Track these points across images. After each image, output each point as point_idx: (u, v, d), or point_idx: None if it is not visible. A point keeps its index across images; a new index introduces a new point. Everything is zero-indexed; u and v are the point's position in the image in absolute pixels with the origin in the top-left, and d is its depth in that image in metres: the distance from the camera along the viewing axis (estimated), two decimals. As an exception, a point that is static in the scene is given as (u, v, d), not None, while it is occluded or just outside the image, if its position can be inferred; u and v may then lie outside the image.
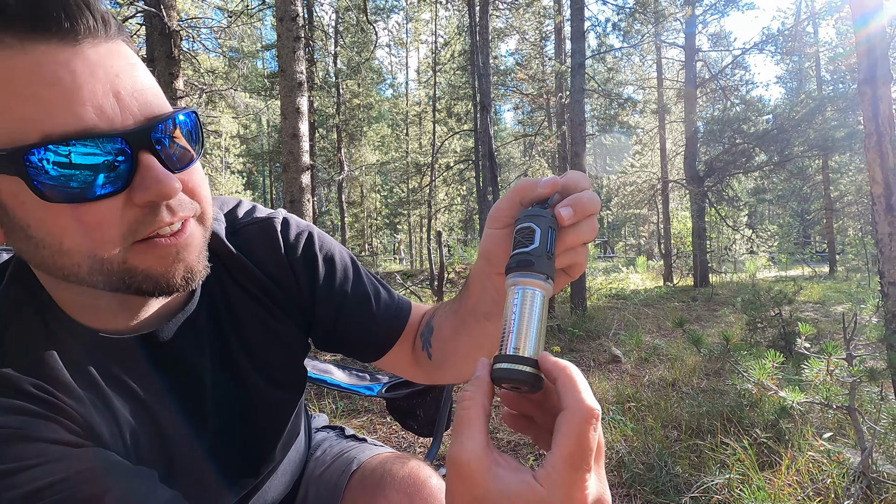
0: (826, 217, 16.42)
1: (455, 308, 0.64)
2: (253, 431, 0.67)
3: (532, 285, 0.40)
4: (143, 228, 0.45)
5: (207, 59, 13.52)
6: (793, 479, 1.89)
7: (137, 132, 0.43)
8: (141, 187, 0.43)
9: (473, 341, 0.62)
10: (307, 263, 0.68)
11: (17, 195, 0.42)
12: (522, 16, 13.45)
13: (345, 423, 2.99)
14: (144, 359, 0.56)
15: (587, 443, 0.33)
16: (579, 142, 7.63)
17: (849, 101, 10.99)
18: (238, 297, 0.64)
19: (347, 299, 0.70)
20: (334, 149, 16.01)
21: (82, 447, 0.46)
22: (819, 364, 1.78)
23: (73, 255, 0.44)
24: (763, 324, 4.37)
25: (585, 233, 0.45)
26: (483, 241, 0.52)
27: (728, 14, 13.35)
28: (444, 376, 0.71)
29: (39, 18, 0.40)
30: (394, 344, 0.72)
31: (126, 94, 0.43)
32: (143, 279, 0.47)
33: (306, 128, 5.86)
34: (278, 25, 5.82)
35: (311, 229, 0.71)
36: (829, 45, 17.60)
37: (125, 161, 0.43)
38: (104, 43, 0.44)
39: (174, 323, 0.58)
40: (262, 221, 0.68)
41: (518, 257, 0.42)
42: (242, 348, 0.64)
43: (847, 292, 9.24)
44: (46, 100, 0.40)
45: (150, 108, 0.45)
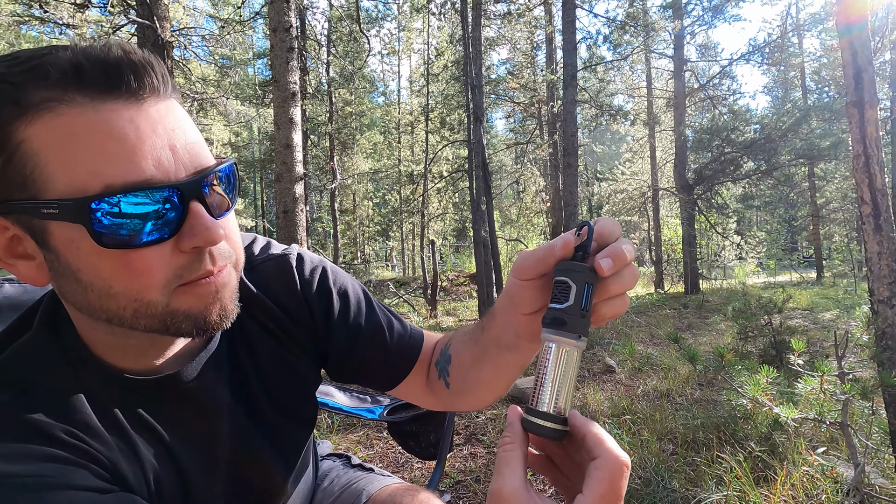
0: (813, 223, 16.68)
1: (476, 337, 0.65)
2: (267, 467, 0.68)
3: (566, 343, 0.43)
4: (188, 274, 0.48)
5: (199, 67, 13.47)
6: (788, 495, 1.91)
7: (189, 183, 0.47)
8: (189, 234, 0.47)
9: (496, 370, 0.64)
10: (322, 298, 0.70)
11: (73, 241, 0.44)
12: (514, 26, 13.59)
13: (341, 439, 2.98)
14: (168, 399, 0.57)
15: (619, 489, 0.37)
16: (572, 152, 7.70)
17: (833, 111, 11.21)
18: (256, 333, 0.66)
19: (362, 331, 0.72)
20: (327, 157, 15.99)
21: (110, 493, 0.47)
22: (812, 381, 1.81)
23: (121, 298, 0.46)
24: (754, 333, 4.42)
25: (627, 281, 0.46)
26: (508, 285, 0.55)
27: (715, 26, 13.59)
28: (461, 404, 0.73)
29: (111, 80, 0.44)
30: (408, 374, 0.74)
31: (180, 148, 0.47)
32: (184, 320, 0.49)
33: (300, 138, 5.86)
34: (272, 36, 5.83)
35: (324, 264, 0.74)
36: (813, 56, 17.95)
37: (177, 210, 0.46)
38: (163, 101, 0.48)
39: (197, 362, 0.59)
40: (278, 258, 0.70)
41: (554, 313, 0.44)
42: (261, 384, 0.66)
43: (835, 298, 9.38)
44: (112, 154, 0.43)
45: (200, 161, 0.49)
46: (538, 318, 0.54)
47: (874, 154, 1.81)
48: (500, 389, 0.67)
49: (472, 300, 10.37)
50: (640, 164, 17.95)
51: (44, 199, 0.43)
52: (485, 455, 2.74)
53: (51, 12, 6.20)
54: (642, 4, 10.94)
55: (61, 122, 0.42)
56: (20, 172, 0.43)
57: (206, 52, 12.58)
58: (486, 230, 7.30)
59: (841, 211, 17.91)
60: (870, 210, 1.81)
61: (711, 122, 13.05)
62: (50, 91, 0.42)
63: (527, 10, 11.67)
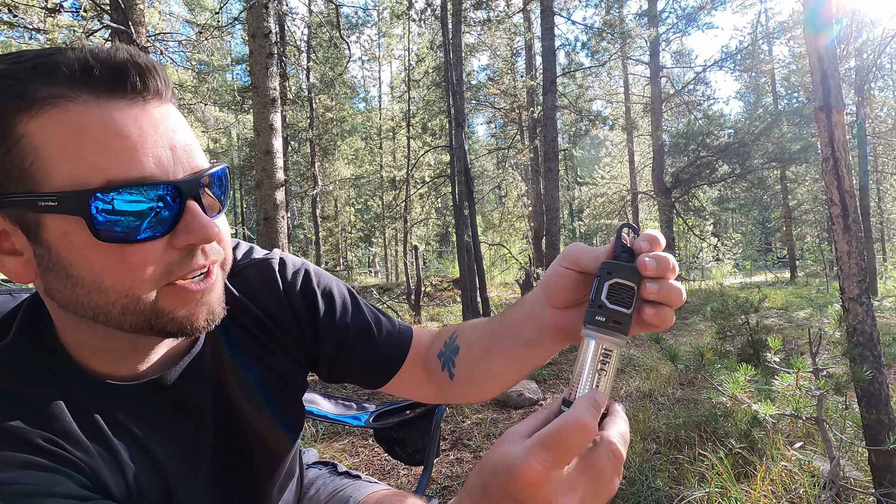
0: (785, 225, 17.15)
1: (491, 329, 0.65)
2: (252, 474, 0.68)
3: (604, 339, 0.43)
4: (179, 270, 0.49)
5: (176, 73, 13.26)
6: (768, 490, 1.96)
7: (188, 182, 0.48)
8: (185, 231, 0.48)
9: (507, 364, 0.63)
10: (306, 301, 0.70)
11: (68, 235, 0.45)
12: (494, 32, 13.73)
13: (326, 447, 2.94)
14: (150, 405, 0.57)
15: (565, 436, 0.37)
16: (552, 156, 7.79)
17: (803, 116, 11.58)
18: (240, 338, 0.66)
19: (349, 331, 0.72)
20: (308, 163, 15.86)
21: (91, 500, 0.46)
22: (789, 378, 1.86)
23: (111, 293, 0.47)
24: (732, 332, 4.53)
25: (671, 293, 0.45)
26: (548, 273, 0.55)
27: (689, 33, 13.94)
28: (462, 396, 0.73)
29: (118, 80, 0.45)
30: (399, 369, 0.74)
31: (179, 149, 0.49)
32: (169, 321, 0.50)
33: (280, 144, 5.81)
34: (251, 42, 5.78)
35: (307, 266, 0.74)
36: (783, 63, 18.54)
37: (174, 207, 0.47)
38: (164, 104, 0.49)
39: (180, 367, 0.59)
40: (260, 262, 0.70)
41: (593, 309, 0.44)
42: (244, 390, 0.65)
43: (808, 297, 9.65)
44: (115, 149, 0.44)
45: (196, 162, 0.50)
46: (566, 315, 0.55)
47: (842, 157, 1.88)
48: (507, 384, 0.67)
49: (455, 305, 10.37)
50: (620, 168, 18.26)
51: (42, 192, 0.43)
52: (471, 460, 2.73)
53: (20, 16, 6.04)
54: (619, 12, 11.18)
55: (66, 117, 0.43)
56: (18, 166, 0.43)
57: (183, 57, 12.40)
58: (468, 235, 7.32)
59: (812, 212, 18.47)
60: (839, 211, 1.87)
61: (687, 127, 13.36)
62: (56, 87, 0.43)
63: (506, 17, 11.81)
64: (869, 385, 1.81)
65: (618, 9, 10.97)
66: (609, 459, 0.37)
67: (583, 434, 0.36)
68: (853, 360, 1.80)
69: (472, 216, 7.18)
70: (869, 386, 1.81)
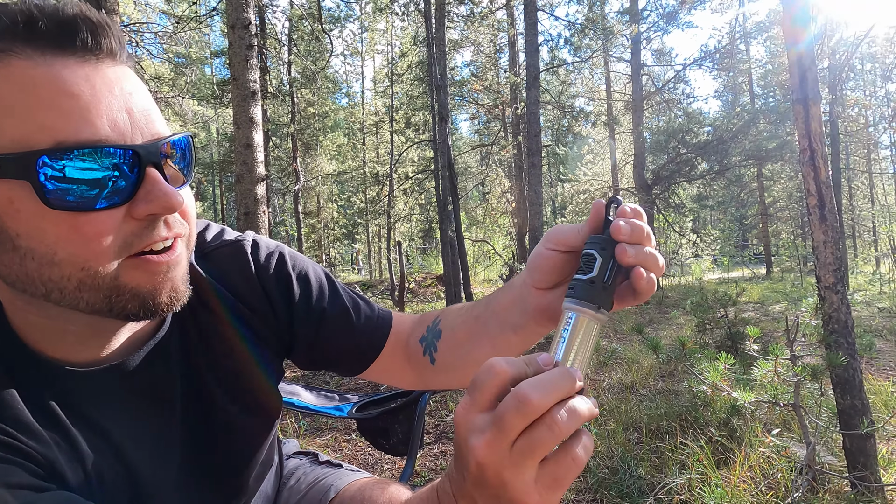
0: (762, 221, 17.55)
1: (476, 314, 0.64)
2: (226, 463, 0.65)
3: (585, 313, 0.42)
4: (139, 242, 0.45)
5: (152, 66, 12.93)
6: (747, 476, 1.99)
7: (147, 147, 0.45)
8: (145, 200, 0.44)
9: (493, 350, 0.62)
10: (281, 284, 0.67)
11: (13, 202, 0.41)
12: (477, 28, 13.71)
13: (309, 442, 2.90)
14: (112, 391, 0.53)
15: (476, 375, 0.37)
16: (536, 152, 7.83)
17: (779, 114, 11.84)
18: (210, 322, 0.62)
19: (326, 315, 0.69)
20: (289, 158, 15.66)
21: (45, 491, 0.44)
22: (767, 365, 1.89)
23: (65, 266, 0.43)
24: (711, 325, 4.62)
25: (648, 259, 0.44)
26: (533, 256, 0.54)
27: (669, 31, 14.13)
28: (445, 381, 0.71)
29: (65, 35, 0.42)
30: (378, 355, 0.72)
31: (137, 112, 0.45)
32: (131, 297, 0.46)
33: (261, 138, 5.71)
34: (230, 33, 5.67)
35: (281, 249, 0.70)
36: (759, 63, 18.93)
37: (132, 174, 0.44)
38: (120, 65, 0.46)
39: (143, 351, 0.56)
40: (232, 244, 0.67)
41: (575, 283, 0.43)
42: (215, 376, 0.62)
43: (783, 292, 9.90)
44: (65, 109, 0.41)
45: (156, 128, 0.47)
46: (551, 296, 0.54)
47: (818, 148, 1.91)
48: None
49: (439, 301, 10.37)
50: (601, 165, 18.45)
51: None
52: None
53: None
54: (601, 9, 11.27)
55: (9, 72, 0.40)
56: None
57: (160, 49, 12.10)
58: (452, 230, 7.31)
59: (787, 209, 18.94)
60: (815, 201, 1.91)
61: (667, 125, 13.56)
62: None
63: (489, 12, 11.80)
64: (843, 371, 1.85)
65: (600, 6, 11.06)
66: (512, 402, 0.34)
67: (488, 373, 0.37)
68: (829, 346, 1.84)
69: (455, 212, 7.17)
70: (843, 372, 1.85)
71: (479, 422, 0.36)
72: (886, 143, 23.46)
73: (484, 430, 0.35)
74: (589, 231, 0.47)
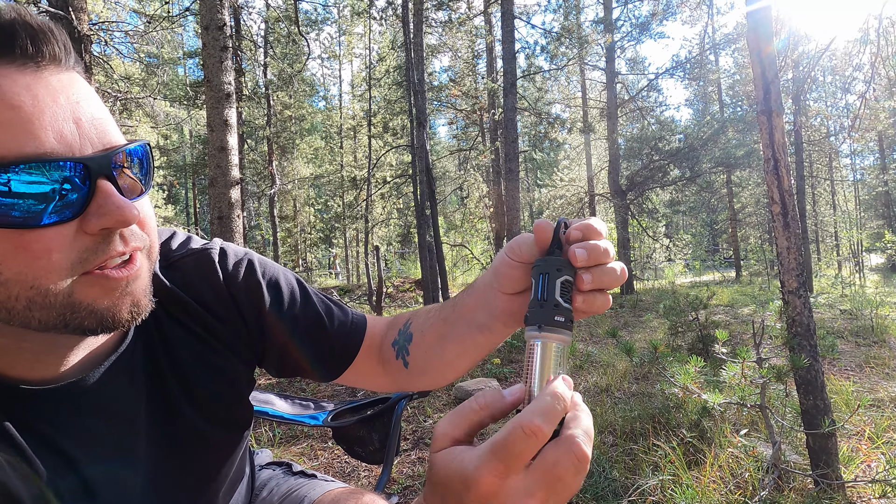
0: (731, 226, 18.09)
1: (444, 315, 0.64)
2: (194, 478, 0.63)
3: (548, 338, 0.41)
4: (94, 258, 0.43)
5: (122, 65, 12.59)
6: (716, 476, 2.04)
7: (97, 159, 0.43)
8: (97, 214, 0.43)
9: (461, 349, 0.62)
10: (250, 293, 0.65)
11: None
12: (455, 34, 13.80)
13: (284, 451, 2.85)
14: (71, 410, 0.51)
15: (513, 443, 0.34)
16: (513, 157, 7.91)
17: (747, 123, 12.25)
18: (176, 334, 0.61)
19: (298, 323, 0.68)
20: (265, 161, 15.42)
21: None
22: (735, 367, 1.95)
23: (12, 286, 0.41)
24: (683, 328, 4.74)
25: (606, 279, 0.44)
26: (497, 261, 0.54)
27: (643, 41, 14.52)
28: (419, 383, 0.71)
29: (4, 42, 0.40)
30: (353, 361, 0.71)
31: (86, 122, 0.43)
32: (87, 314, 0.44)
33: (235, 141, 5.61)
34: (204, 34, 5.56)
35: (250, 256, 0.69)
36: (728, 73, 19.58)
37: (82, 188, 0.42)
38: (65, 72, 0.44)
39: (104, 366, 0.54)
40: (199, 253, 0.65)
41: (533, 309, 0.42)
42: (182, 390, 0.60)
43: (751, 295, 10.20)
44: (5, 122, 0.39)
45: (108, 137, 0.45)
46: (518, 300, 0.54)
47: (781, 158, 1.99)
48: (461, 370, 0.66)
49: (417, 306, 10.34)
50: (577, 170, 18.73)
51: None
52: (433, 458, 2.72)
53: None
54: (576, 18, 11.48)
55: None
56: None
57: (131, 49, 11.79)
58: (430, 235, 7.31)
59: (755, 215, 19.58)
60: (779, 209, 1.98)
61: (641, 132, 13.87)
62: None
63: (467, 18, 11.90)
64: (806, 372, 1.92)
65: (575, 15, 11.27)
66: (569, 460, 0.34)
67: (532, 440, 0.34)
68: (792, 349, 1.91)
69: (433, 216, 7.17)
70: (806, 373, 1.92)
71: (527, 486, 0.35)
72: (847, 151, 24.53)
73: (534, 492, 0.34)
74: (539, 252, 0.47)
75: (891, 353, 4.57)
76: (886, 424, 2.62)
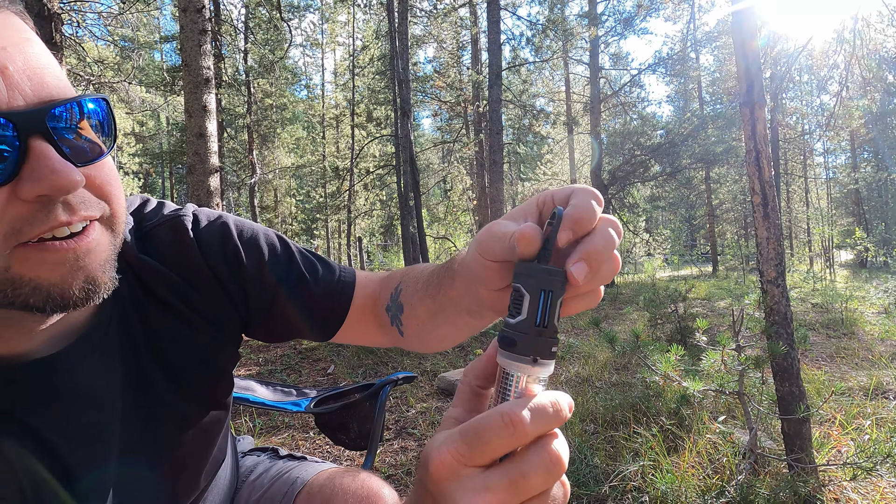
0: (709, 222, 18.45)
1: (432, 293, 0.58)
2: (172, 458, 0.60)
3: (520, 369, 0.33)
4: (31, 229, 0.38)
5: (96, 48, 12.17)
6: (695, 461, 2.09)
7: (28, 114, 0.37)
8: (30, 179, 0.37)
9: (454, 329, 0.59)
10: (228, 258, 0.62)
11: None
12: (440, 24, 13.70)
13: (264, 441, 2.82)
14: (42, 388, 0.48)
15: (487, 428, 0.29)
16: (497, 149, 7.90)
17: (726, 120, 12.46)
18: (152, 308, 0.57)
19: (281, 284, 0.64)
20: (245, 150, 15.13)
21: None
22: (715, 355, 1.98)
23: None
24: (662, 320, 4.84)
25: (604, 276, 0.35)
26: (471, 258, 0.43)
27: (626, 37, 14.63)
28: (417, 348, 0.69)
29: None
30: (342, 321, 0.68)
31: (15, 71, 0.38)
32: (31, 292, 0.40)
33: (214, 127, 5.49)
34: (181, 16, 5.40)
35: (224, 219, 0.65)
36: (708, 70, 19.90)
37: (11, 148, 0.37)
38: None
39: (77, 343, 0.51)
40: (172, 220, 0.61)
41: (508, 331, 0.34)
42: (161, 366, 0.58)
43: (727, 289, 10.44)
44: None
45: (47, 90, 0.39)
46: (504, 294, 0.44)
47: (763, 149, 2.02)
48: (457, 341, 0.64)
49: (400, 298, 10.33)
50: (560, 164, 18.86)
51: None
52: (415, 448, 2.72)
53: None
54: (561, 12, 11.49)
55: None
56: None
57: (104, 31, 11.39)
58: (414, 226, 7.28)
59: (732, 211, 20.02)
60: (759, 199, 2.01)
61: (623, 127, 14.01)
62: None
63: (452, 8, 11.81)
64: (783, 360, 1.96)
65: (560, 8, 11.28)
66: (541, 459, 0.29)
67: (508, 432, 0.29)
68: (770, 337, 1.95)
69: (417, 207, 7.14)
70: (783, 361, 1.97)
71: (485, 480, 0.29)
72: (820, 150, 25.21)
73: (493, 489, 0.29)
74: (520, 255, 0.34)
75: (860, 345, 4.73)
76: (856, 412, 2.71)
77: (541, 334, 0.33)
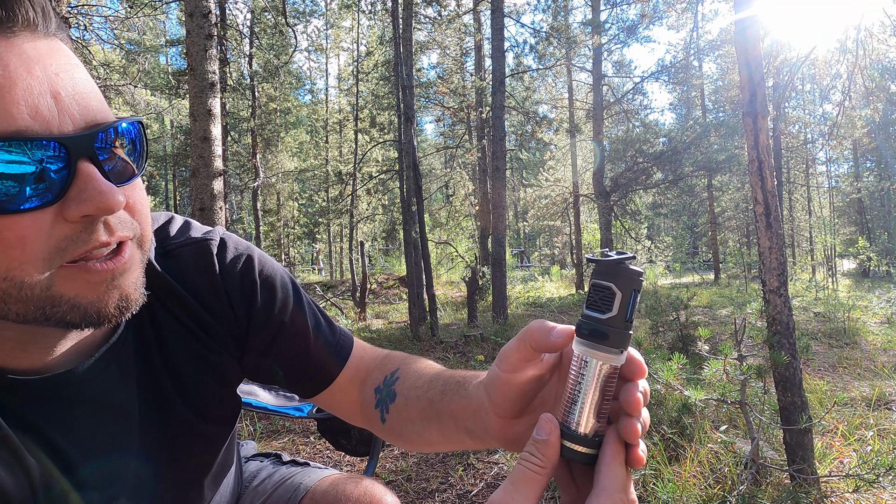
0: (711, 230, 18.44)
1: (432, 398, 0.56)
2: (182, 468, 0.62)
3: (608, 359, 0.37)
4: (75, 248, 0.40)
5: (102, 52, 12.26)
6: (696, 471, 2.08)
7: (78, 138, 0.39)
8: (77, 200, 0.39)
9: (444, 439, 0.57)
10: (245, 291, 0.63)
11: None
12: (444, 31, 13.78)
13: (265, 446, 2.81)
14: (61, 400, 0.49)
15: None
16: (500, 156, 7.92)
17: (728, 128, 12.48)
18: (168, 325, 0.58)
19: (284, 330, 0.65)
20: (248, 154, 15.19)
21: None
22: (717, 364, 1.98)
23: None
24: (664, 328, 4.83)
25: None
26: (489, 380, 0.46)
27: (629, 45, 14.71)
28: (391, 440, 0.66)
29: None
30: (329, 384, 0.67)
31: (66, 96, 0.39)
32: (70, 309, 0.41)
33: (219, 131, 5.52)
34: (188, 21, 5.45)
35: (251, 251, 0.66)
36: (711, 79, 19.95)
37: (61, 170, 0.38)
38: (43, 39, 0.39)
39: (97, 357, 0.51)
40: (198, 243, 0.62)
41: (594, 324, 0.37)
42: (173, 382, 0.59)
43: (729, 297, 10.41)
44: None
45: (92, 114, 0.41)
46: (518, 426, 0.46)
47: (765, 159, 2.03)
48: (443, 450, 0.62)
49: (402, 303, 10.31)
50: (563, 171, 18.88)
51: None
52: (416, 454, 2.71)
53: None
54: (565, 19, 11.56)
55: None
56: None
57: (111, 34, 11.47)
58: (416, 231, 7.29)
59: (734, 219, 20.02)
60: (762, 209, 2.02)
61: (626, 134, 14.05)
62: None
63: (456, 16, 11.89)
64: (785, 370, 1.96)
65: (564, 16, 11.35)
66: None
67: None
68: (772, 347, 1.95)
69: (420, 213, 7.15)
70: (785, 370, 1.96)
71: None
72: (823, 159, 25.22)
73: None
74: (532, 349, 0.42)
75: (862, 355, 4.72)
76: (858, 422, 2.70)
77: (628, 329, 0.37)
